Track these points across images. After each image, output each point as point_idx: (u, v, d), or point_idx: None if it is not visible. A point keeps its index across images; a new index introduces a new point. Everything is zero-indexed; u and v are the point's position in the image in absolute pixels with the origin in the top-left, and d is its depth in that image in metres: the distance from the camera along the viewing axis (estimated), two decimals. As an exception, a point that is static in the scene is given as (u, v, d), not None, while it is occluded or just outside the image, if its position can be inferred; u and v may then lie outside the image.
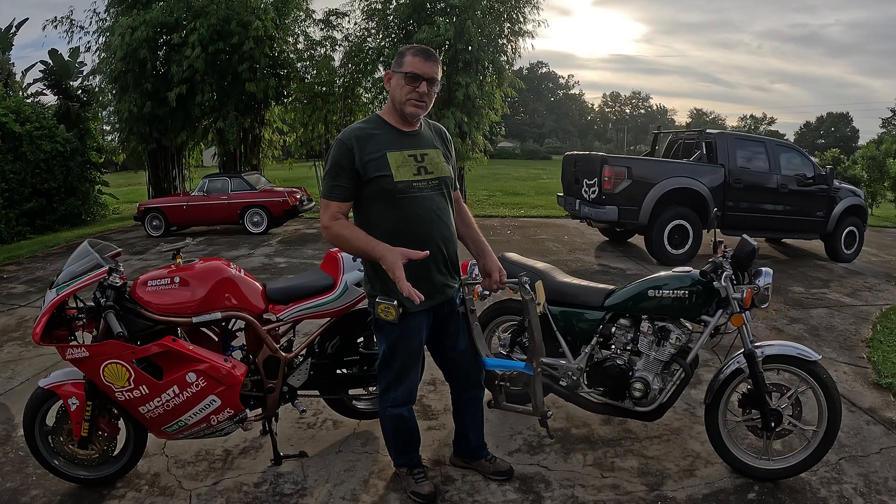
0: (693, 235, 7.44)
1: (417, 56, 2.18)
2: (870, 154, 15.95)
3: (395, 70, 2.22)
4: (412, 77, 2.17)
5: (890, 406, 3.46)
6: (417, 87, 2.18)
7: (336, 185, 2.21)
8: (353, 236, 2.19)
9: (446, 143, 2.43)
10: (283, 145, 15.89)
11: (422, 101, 2.21)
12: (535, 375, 2.41)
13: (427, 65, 2.18)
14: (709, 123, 79.95)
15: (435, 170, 2.28)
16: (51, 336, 2.39)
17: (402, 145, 2.24)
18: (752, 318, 2.67)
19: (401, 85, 2.19)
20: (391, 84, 2.24)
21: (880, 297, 6.15)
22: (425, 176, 2.25)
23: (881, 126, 62.88)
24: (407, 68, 2.18)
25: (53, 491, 2.59)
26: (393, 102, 2.25)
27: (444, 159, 2.35)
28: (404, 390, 2.38)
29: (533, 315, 2.37)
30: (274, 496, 2.54)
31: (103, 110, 14.22)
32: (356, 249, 2.22)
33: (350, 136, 2.21)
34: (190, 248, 7.50)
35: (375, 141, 2.21)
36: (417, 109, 2.22)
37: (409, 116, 2.24)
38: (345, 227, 2.21)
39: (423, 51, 2.21)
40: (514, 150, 54.83)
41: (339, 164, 2.19)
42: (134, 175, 23.25)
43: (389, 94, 2.25)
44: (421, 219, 2.23)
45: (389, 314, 2.21)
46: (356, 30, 13.76)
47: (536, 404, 2.41)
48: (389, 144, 2.22)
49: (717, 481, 2.65)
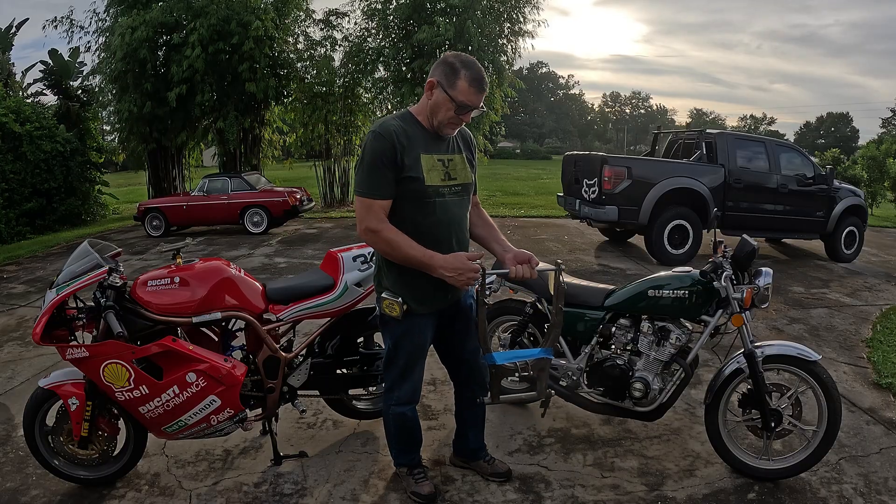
0: (693, 235, 7.44)
1: (473, 86, 2.07)
2: (870, 154, 15.95)
3: (445, 88, 2.08)
4: (462, 107, 2.09)
5: (890, 406, 3.46)
6: (462, 116, 2.13)
7: (379, 181, 2.10)
8: (407, 244, 2.10)
9: (472, 148, 2.37)
10: (283, 145, 15.88)
11: (460, 124, 2.19)
12: (550, 360, 2.42)
13: (479, 97, 2.10)
14: (709, 123, 79.97)
15: (458, 176, 2.25)
16: (51, 336, 2.39)
17: (433, 148, 2.20)
18: (752, 318, 2.67)
19: (447, 108, 2.10)
20: (434, 98, 2.11)
21: (880, 297, 6.15)
22: (450, 182, 2.21)
23: (881, 126, 63.00)
24: (460, 97, 2.07)
25: (53, 491, 2.59)
26: (431, 115, 2.15)
27: (468, 165, 2.31)
28: (408, 389, 2.38)
29: (560, 300, 2.33)
30: (274, 496, 2.54)
31: (103, 110, 14.21)
32: (408, 258, 2.12)
33: (391, 130, 2.11)
34: (190, 248, 7.51)
35: (412, 140, 2.14)
36: (454, 131, 2.21)
37: (443, 134, 2.20)
38: (395, 231, 2.11)
39: (479, 81, 2.08)
40: (514, 150, 54.84)
41: (382, 158, 2.08)
42: (134, 175, 23.25)
43: (430, 105, 2.14)
44: (441, 223, 2.20)
45: (394, 310, 2.21)
46: (356, 30, 13.77)
47: (543, 387, 2.40)
48: (423, 146, 2.16)
49: (717, 481, 2.65)
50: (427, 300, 2.25)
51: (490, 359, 2.30)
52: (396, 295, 2.21)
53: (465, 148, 2.34)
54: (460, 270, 2.08)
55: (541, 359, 2.34)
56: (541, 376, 2.37)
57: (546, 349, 2.37)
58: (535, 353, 2.40)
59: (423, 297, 2.24)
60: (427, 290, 2.22)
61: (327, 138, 14.25)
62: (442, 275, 2.10)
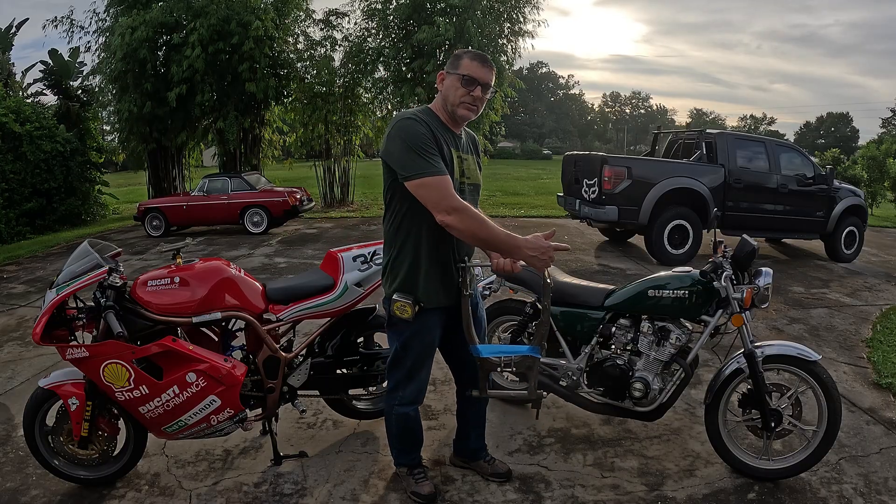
0: (693, 235, 7.44)
1: (475, 60, 2.16)
2: (870, 154, 15.95)
3: (451, 71, 2.19)
4: (469, 80, 2.14)
5: (890, 406, 3.46)
6: (472, 91, 2.15)
7: (433, 158, 2.06)
8: (490, 224, 2.07)
9: (478, 150, 2.44)
10: (283, 145, 15.88)
11: (474, 104, 2.18)
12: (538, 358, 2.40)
13: (483, 70, 2.16)
14: (709, 123, 79.98)
15: (471, 175, 2.31)
16: (51, 336, 2.39)
17: (453, 145, 2.24)
18: (752, 318, 2.67)
19: (456, 87, 2.16)
20: (444, 84, 2.21)
21: (880, 297, 6.15)
22: (464, 179, 2.26)
23: (881, 126, 62.97)
24: (464, 71, 2.15)
25: (53, 491, 2.59)
26: (445, 102, 2.21)
27: (477, 167, 2.38)
28: (413, 389, 2.38)
29: (546, 298, 2.33)
30: (274, 496, 2.54)
31: (103, 110, 14.21)
32: (492, 237, 2.08)
33: (422, 118, 2.15)
34: (190, 248, 7.50)
35: (439, 132, 2.18)
36: (469, 112, 2.20)
37: (459, 119, 2.22)
38: (476, 211, 2.09)
39: (481, 56, 2.19)
40: (514, 150, 54.83)
41: (425, 139, 2.08)
42: (134, 175, 23.24)
43: (442, 94, 2.22)
44: None
45: (405, 312, 2.21)
46: (356, 30, 13.77)
47: (533, 387, 2.38)
48: (447, 141, 2.21)
49: (717, 481, 2.65)
50: (435, 296, 2.26)
51: (475, 351, 2.29)
52: (408, 296, 2.21)
53: (474, 151, 2.41)
54: (542, 249, 2.08)
55: (527, 356, 2.30)
56: (529, 375, 2.33)
57: (533, 347, 2.35)
58: (522, 350, 2.36)
59: (433, 293, 2.25)
60: (435, 286, 2.24)
61: (327, 138, 14.24)
62: (525, 254, 2.09)
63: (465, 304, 2.29)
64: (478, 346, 2.30)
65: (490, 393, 2.42)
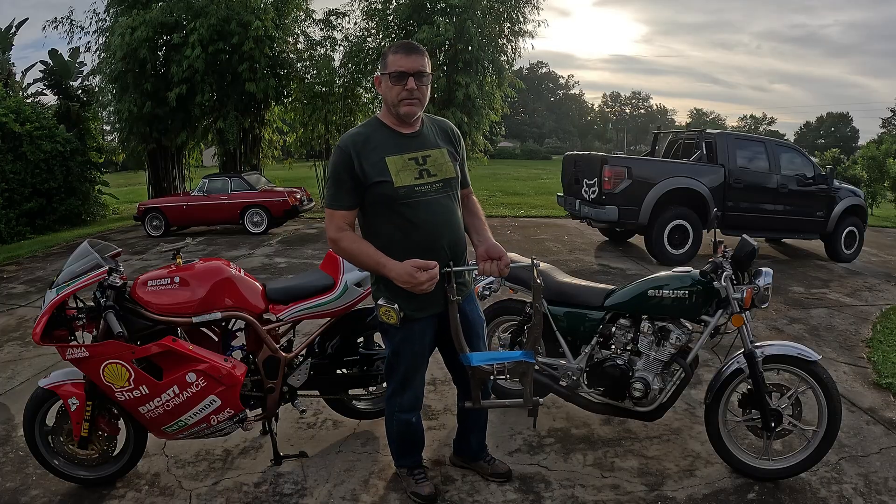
0: (693, 235, 7.44)
1: (398, 53, 2.12)
2: (870, 154, 15.94)
3: (382, 72, 2.16)
4: (397, 76, 2.10)
5: (890, 406, 3.46)
6: (405, 85, 2.10)
7: (338, 193, 2.16)
8: (362, 252, 2.15)
9: (454, 140, 2.33)
10: (283, 145, 15.89)
11: (413, 97, 2.12)
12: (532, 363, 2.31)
13: (410, 59, 2.10)
14: (709, 123, 79.88)
15: (439, 172, 2.20)
16: (51, 336, 2.39)
17: (402, 148, 2.18)
18: (752, 318, 2.67)
19: (389, 86, 2.12)
20: (382, 87, 2.18)
21: (880, 297, 6.15)
22: (428, 179, 2.17)
23: (881, 126, 62.82)
24: (391, 68, 2.11)
25: (53, 491, 2.59)
26: (387, 105, 2.18)
27: (451, 158, 2.26)
28: (410, 396, 2.36)
29: (537, 299, 2.28)
30: (274, 496, 2.54)
31: (103, 110, 14.21)
32: (365, 266, 2.22)
33: (348, 142, 2.15)
34: (190, 248, 7.50)
35: (374, 145, 2.15)
36: (412, 108, 2.14)
37: (405, 117, 2.17)
38: (352, 241, 2.16)
39: (404, 46, 2.14)
40: (514, 150, 54.80)
41: (340, 172, 2.14)
42: (134, 175, 23.24)
43: (382, 98, 2.20)
44: (427, 224, 2.16)
45: (391, 317, 2.16)
46: (356, 30, 13.81)
47: (529, 394, 2.31)
48: (389, 149, 2.15)
49: (717, 481, 2.65)
50: (421, 306, 2.21)
51: (465, 359, 2.22)
52: (392, 302, 2.17)
53: (447, 142, 2.30)
54: (410, 283, 2.06)
55: (521, 362, 2.21)
56: (524, 381, 2.23)
57: (527, 352, 2.26)
58: (514, 356, 2.26)
59: (418, 303, 2.19)
60: (420, 295, 2.13)
61: (327, 138, 14.26)
62: (395, 282, 2.09)
63: (452, 310, 2.21)
64: (468, 355, 2.22)
65: (484, 403, 2.34)
